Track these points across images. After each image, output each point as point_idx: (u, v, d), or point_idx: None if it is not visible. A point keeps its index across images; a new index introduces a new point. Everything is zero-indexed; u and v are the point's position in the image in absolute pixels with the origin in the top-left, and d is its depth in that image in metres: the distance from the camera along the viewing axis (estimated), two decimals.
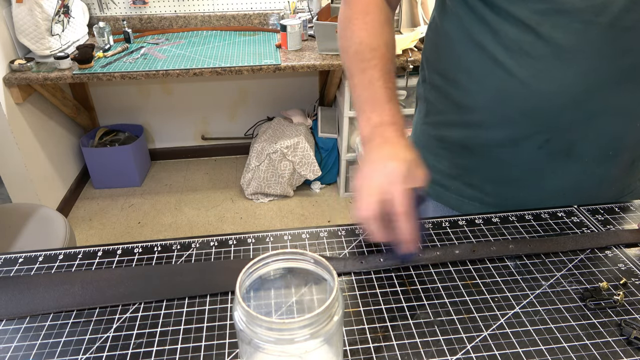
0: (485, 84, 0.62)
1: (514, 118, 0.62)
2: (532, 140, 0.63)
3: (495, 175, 0.69)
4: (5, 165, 2.02)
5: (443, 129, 0.72)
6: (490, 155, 0.67)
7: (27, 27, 1.88)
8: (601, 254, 0.57)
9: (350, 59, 0.63)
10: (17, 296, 0.51)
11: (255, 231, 0.60)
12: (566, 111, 0.59)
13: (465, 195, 0.73)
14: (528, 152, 0.64)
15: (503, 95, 0.61)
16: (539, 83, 0.58)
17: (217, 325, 0.48)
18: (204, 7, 2.39)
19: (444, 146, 0.73)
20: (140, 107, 2.63)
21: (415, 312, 0.49)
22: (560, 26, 0.55)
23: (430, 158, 0.76)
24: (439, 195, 0.76)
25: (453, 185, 0.74)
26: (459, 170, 0.72)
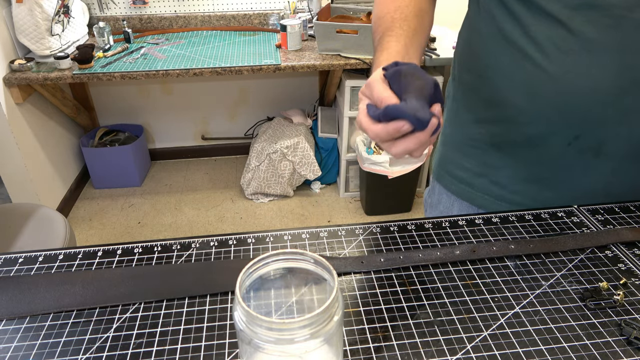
0: (515, 79, 0.62)
1: (543, 114, 0.62)
2: (561, 137, 0.62)
3: (523, 173, 0.69)
4: (5, 165, 2.02)
5: (472, 127, 0.72)
6: (518, 152, 0.67)
7: (27, 27, 1.88)
8: (601, 254, 0.57)
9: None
10: (17, 296, 0.51)
11: (255, 231, 0.60)
12: (596, 108, 0.58)
13: (493, 194, 0.73)
14: (556, 149, 0.64)
15: (533, 90, 0.61)
16: (569, 78, 0.58)
17: (217, 325, 0.48)
18: (204, 7, 2.39)
19: (472, 144, 0.73)
20: (140, 107, 2.63)
21: (415, 312, 0.49)
22: (592, 21, 0.54)
23: (458, 157, 0.76)
24: (464, 193, 0.76)
25: (480, 184, 0.74)
26: (487, 169, 0.72)
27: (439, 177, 0.82)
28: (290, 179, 2.38)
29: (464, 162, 0.75)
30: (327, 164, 2.48)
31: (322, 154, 2.45)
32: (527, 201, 0.70)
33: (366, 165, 2.13)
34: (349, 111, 2.21)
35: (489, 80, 0.66)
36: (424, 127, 0.46)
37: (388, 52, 0.57)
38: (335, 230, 0.61)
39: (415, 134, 0.46)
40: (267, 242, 0.59)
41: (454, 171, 0.78)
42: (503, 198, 0.72)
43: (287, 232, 0.61)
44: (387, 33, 0.61)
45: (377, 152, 2.18)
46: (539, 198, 0.69)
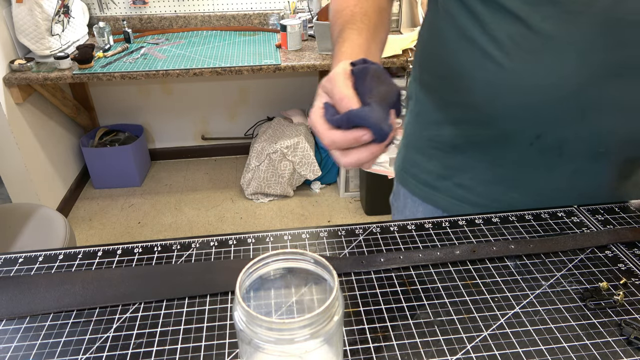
0: (476, 79, 0.62)
1: (505, 113, 0.61)
2: (523, 137, 0.62)
3: (486, 175, 0.68)
4: (5, 165, 2.02)
5: (434, 128, 0.71)
6: (481, 153, 0.67)
7: (27, 27, 1.88)
8: (601, 254, 0.57)
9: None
10: (17, 296, 0.51)
11: (255, 231, 0.60)
12: (557, 106, 0.58)
13: (455, 197, 0.72)
14: (519, 149, 0.63)
15: (494, 89, 0.60)
16: (529, 76, 0.57)
17: (217, 325, 0.48)
18: (204, 7, 2.39)
19: (434, 146, 0.72)
20: (140, 107, 2.63)
21: (415, 312, 0.49)
22: (550, 17, 0.54)
23: (420, 159, 0.75)
24: (428, 196, 0.76)
25: (443, 186, 0.73)
26: (450, 171, 0.71)
27: (402, 180, 0.81)
28: (290, 179, 2.38)
29: (427, 164, 0.74)
30: (327, 164, 2.48)
31: (322, 154, 2.45)
32: (492, 203, 0.69)
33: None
34: None
35: (450, 80, 0.65)
36: (383, 140, 0.43)
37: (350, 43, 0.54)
38: (335, 230, 0.61)
39: (371, 145, 0.44)
40: (267, 242, 0.59)
41: (417, 174, 0.77)
42: (467, 200, 0.71)
43: (287, 232, 0.61)
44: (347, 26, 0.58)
45: None
46: (504, 199, 0.68)
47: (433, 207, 0.76)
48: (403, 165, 0.80)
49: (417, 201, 0.78)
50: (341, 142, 0.44)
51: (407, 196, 0.80)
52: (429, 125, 0.72)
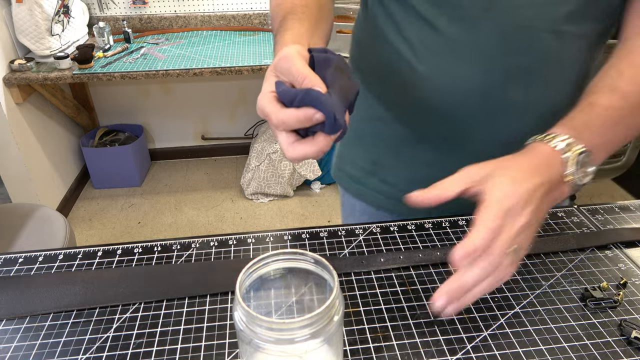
0: (391, 78, 0.64)
1: (416, 113, 0.63)
2: (432, 137, 0.64)
3: (406, 172, 0.70)
4: (5, 165, 2.02)
5: (362, 124, 0.73)
6: (400, 151, 0.69)
7: (27, 27, 1.88)
8: (601, 254, 0.57)
9: None
10: (17, 296, 0.51)
11: (255, 231, 0.60)
12: (464, 108, 0.59)
13: (383, 193, 0.74)
14: (428, 148, 0.65)
15: (407, 90, 0.62)
16: (436, 79, 0.59)
17: (217, 325, 0.48)
18: (204, 7, 2.39)
19: (362, 142, 0.74)
20: (140, 107, 2.63)
21: (415, 312, 0.49)
22: (454, 20, 0.56)
23: (351, 155, 0.77)
24: (359, 192, 0.77)
25: (370, 183, 0.74)
26: (376, 167, 0.73)
27: (338, 178, 0.82)
28: (290, 179, 2.38)
29: (357, 159, 0.75)
30: (327, 164, 2.48)
31: None
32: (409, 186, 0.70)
33: None
34: None
35: (372, 78, 0.67)
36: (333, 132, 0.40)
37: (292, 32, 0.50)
38: (335, 230, 0.61)
39: (318, 138, 0.41)
40: (267, 242, 0.59)
41: (350, 171, 0.78)
42: (393, 196, 0.72)
43: (287, 232, 0.61)
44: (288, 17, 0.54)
45: None
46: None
47: (365, 204, 0.77)
48: (337, 162, 0.82)
49: (351, 198, 0.80)
50: (291, 121, 0.40)
51: (344, 193, 0.82)
52: (358, 122, 0.74)
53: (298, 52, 0.42)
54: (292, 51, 0.42)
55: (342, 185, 0.81)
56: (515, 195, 0.40)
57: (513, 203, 0.39)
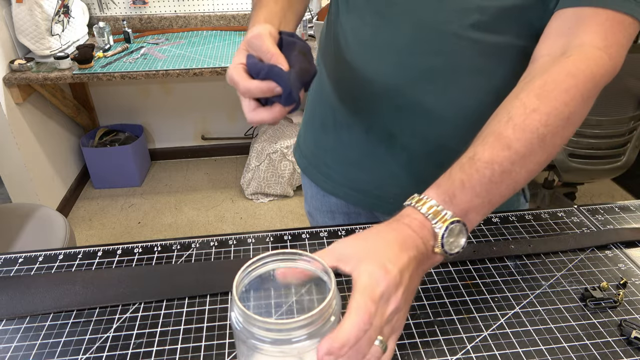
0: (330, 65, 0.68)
1: (347, 100, 0.67)
2: (359, 125, 0.67)
3: (340, 156, 0.72)
4: (5, 165, 2.02)
5: (312, 106, 0.77)
6: (336, 135, 0.71)
7: (27, 27, 1.88)
8: (601, 254, 0.57)
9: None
10: (17, 296, 0.51)
11: (255, 231, 0.60)
12: (380, 101, 0.62)
13: (322, 173, 0.77)
14: (358, 135, 0.68)
15: (337, 77, 0.67)
16: (360, 69, 0.62)
17: (217, 325, 0.48)
18: (204, 7, 2.39)
19: (311, 122, 0.77)
20: (140, 107, 2.63)
21: (415, 312, 0.49)
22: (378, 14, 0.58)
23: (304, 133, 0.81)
24: (307, 171, 0.80)
25: (316, 163, 0.77)
26: (319, 149, 0.76)
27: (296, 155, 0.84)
28: (290, 179, 2.38)
29: (309, 142, 0.79)
30: None
31: None
32: (349, 183, 0.73)
33: None
34: None
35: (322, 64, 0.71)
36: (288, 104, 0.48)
37: (267, 10, 0.56)
38: (335, 230, 0.61)
39: (275, 107, 0.48)
40: (267, 242, 0.59)
41: (303, 149, 0.81)
42: (332, 179, 0.75)
43: (287, 232, 0.61)
44: None
45: None
46: (356, 180, 0.72)
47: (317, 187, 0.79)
48: (297, 141, 0.85)
49: (306, 180, 0.82)
50: (255, 90, 0.48)
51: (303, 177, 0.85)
52: (310, 103, 0.78)
53: (270, 32, 0.49)
54: (264, 31, 0.49)
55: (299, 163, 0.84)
56: (385, 280, 0.38)
57: (383, 289, 0.37)
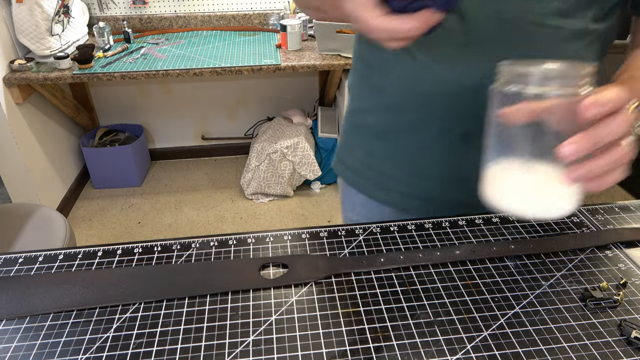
0: (393, 69, 0.65)
1: (416, 104, 0.64)
2: (433, 128, 0.64)
3: (404, 163, 0.70)
4: (5, 165, 2.02)
5: (360, 116, 0.74)
6: (398, 142, 0.69)
7: (27, 27, 1.88)
8: (601, 254, 0.57)
9: None
10: (17, 296, 0.51)
11: (255, 231, 0.60)
12: (462, 99, 0.60)
13: (381, 185, 0.74)
14: (430, 139, 0.65)
15: (407, 80, 0.63)
16: (436, 69, 0.60)
17: (217, 325, 0.48)
18: (204, 7, 2.39)
19: (360, 133, 0.74)
20: (140, 107, 2.63)
21: (415, 312, 0.49)
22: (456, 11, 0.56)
23: (350, 147, 0.77)
24: (359, 185, 0.77)
25: (369, 175, 0.75)
26: (373, 159, 0.73)
27: (338, 169, 0.82)
28: (290, 179, 2.38)
29: (356, 151, 0.76)
30: (327, 164, 2.48)
31: (322, 154, 2.45)
32: (413, 191, 0.71)
33: None
34: None
35: (374, 69, 0.68)
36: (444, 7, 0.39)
37: None
38: (335, 230, 0.61)
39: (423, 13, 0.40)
40: (267, 242, 0.59)
41: (349, 162, 0.79)
42: (392, 188, 0.73)
43: (287, 232, 0.61)
44: None
45: None
46: (422, 187, 0.70)
47: (366, 197, 0.77)
48: (338, 154, 0.82)
49: (353, 191, 0.80)
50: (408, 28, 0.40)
51: (345, 186, 0.82)
52: (357, 113, 0.75)
53: None
54: None
55: (342, 176, 0.81)
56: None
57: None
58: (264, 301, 0.50)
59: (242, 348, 0.45)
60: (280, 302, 0.50)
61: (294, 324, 0.47)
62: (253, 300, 0.50)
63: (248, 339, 0.46)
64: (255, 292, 0.51)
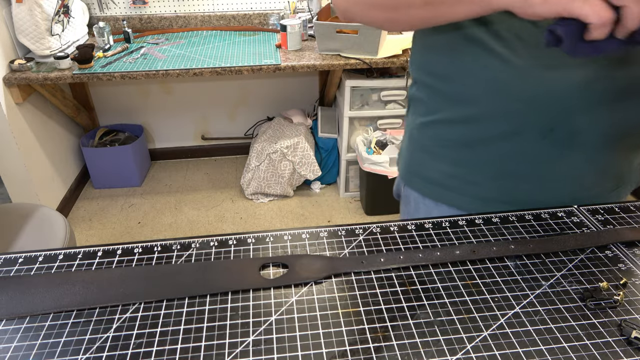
0: (480, 76, 0.63)
1: (515, 108, 0.62)
2: (536, 131, 0.63)
3: (497, 169, 0.69)
4: (5, 165, 2.02)
5: (441, 127, 0.72)
6: (491, 149, 0.67)
7: (27, 27, 1.88)
8: (601, 253, 0.57)
9: None
10: (17, 296, 0.51)
11: (255, 231, 0.60)
12: (567, 98, 0.59)
13: (467, 193, 0.73)
14: (531, 143, 0.64)
15: (501, 86, 0.61)
16: (538, 71, 0.58)
17: (217, 325, 0.48)
18: (204, 7, 2.39)
19: (443, 144, 0.73)
20: (140, 107, 2.63)
21: (415, 312, 0.49)
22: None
23: (428, 159, 0.75)
24: (440, 195, 0.76)
25: (453, 184, 0.73)
26: (460, 168, 0.72)
27: (410, 182, 0.81)
28: (290, 179, 2.38)
29: (436, 164, 0.74)
30: (327, 164, 2.48)
31: (322, 154, 2.45)
32: (504, 197, 0.70)
33: (366, 165, 2.13)
34: (349, 111, 2.21)
35: (452, 80, 0.66)
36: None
37: None
38: (335, 230, 0.61)
39: None
40: (267, 242, 0.59)
41: (426, 174, 0.77)
42: (478, 196, 0.72)
43: (287, 232, 0.61)
44: None
45: (377, 152, 2.18)
46: (515, 193, 0.69)
47: (447, 206, 0.76)
48: (409, 167, 0.80)
49: (430, 202, 0.78)
50: None
51: (418, 199, 0.80)
52: (436, 126, 0.73)
53: None
54: None
55: (418, 190, 0.79)
56: None
57: None
58: (264, 301, 0.50)
59: (242, 348, 0.45)
60: (280, 302, 0.50)
61: (294, 324, 0.47)
62: (253, 300, 0.50)
63: (248, 339, 0.46)
64: (255, 292, 0.51)
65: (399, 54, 2.01)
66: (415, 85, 0.76)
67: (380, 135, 2.23)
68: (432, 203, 0.78)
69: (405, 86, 2.13)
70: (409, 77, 0.82)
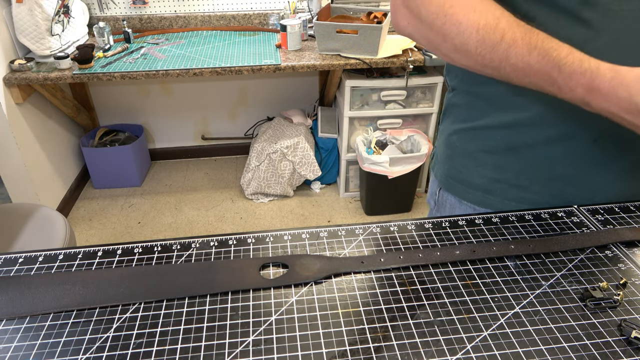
0: None
1: (567, 114, 0.62)
2: (586, 135, 0.63)
3: (544, 173, 0.69)
4: (5, 165, 2.02)
5: (485, 134, 0.72)
6: (538, 153, 0.67)
7: (27, 27, 1.88)
8: (601, 253, 0.57)
9: None
10: (17, 296, 0.51)
11: (255, 231, 0.60)
12: None
13: (511, 197, 0.72)
14: (581, 147, 0.64)
15: None
16: None
17: (217, 325, 0.48)
18: (204, 7, 2.39)
19: (486, 150, 0.72)
20: (140, 107, 2.63)
21: (415, 312, 0.49)
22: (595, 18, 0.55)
23: (471, 165, 0.75)
24: (482, 200, 0.75)
25: (498, 189, 0.73)
26: (505, 173, 0.72)
27: (450, 187, 0.80)
28: (290, 179, 2.38)
29: (479, 169, 0.74)
30: (327, 164, 2.48)
31: (322, 154, 2.45)
32: (549, 199, 0.70)
33: (366, 165, 2.13)
34: (349, 111, 2.21)
35: (498, 87, 0.66)
36: None
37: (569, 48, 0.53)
38: (335, 230, 0.61)
39: None
40: (267, 242, 0.59)
41: (468, 180, 0.76)
42: (523, 199, 0.71)
43: (287, 232, 0.61)
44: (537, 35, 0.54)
45: (377, 152, 2.18)
46: (561, 194, 0.69)
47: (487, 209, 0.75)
48: (449, 173, 0.80)
49: (469, 206, 0.78)
50: None
51: (454, 204, 0.80)
52: (480, 132, 0.73)
53: None
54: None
55: (457, 194, 0.79)
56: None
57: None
58: (264, 301, 0.50)
59: (242, 348, 0.45)
60: (280, 302, 0.50)
61: (294, 324, 0.47)
62: (253, 300, 0.50)
63: (248, 339, 0.46)
64: (255, 292, 0.51)
65: (399, 54, 2.01)
66: (455, 92, 0.76)
67: (380, 135, 2.23)
68: (470, 208, 0.77)
69: (406, 86, 2.13)
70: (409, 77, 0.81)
